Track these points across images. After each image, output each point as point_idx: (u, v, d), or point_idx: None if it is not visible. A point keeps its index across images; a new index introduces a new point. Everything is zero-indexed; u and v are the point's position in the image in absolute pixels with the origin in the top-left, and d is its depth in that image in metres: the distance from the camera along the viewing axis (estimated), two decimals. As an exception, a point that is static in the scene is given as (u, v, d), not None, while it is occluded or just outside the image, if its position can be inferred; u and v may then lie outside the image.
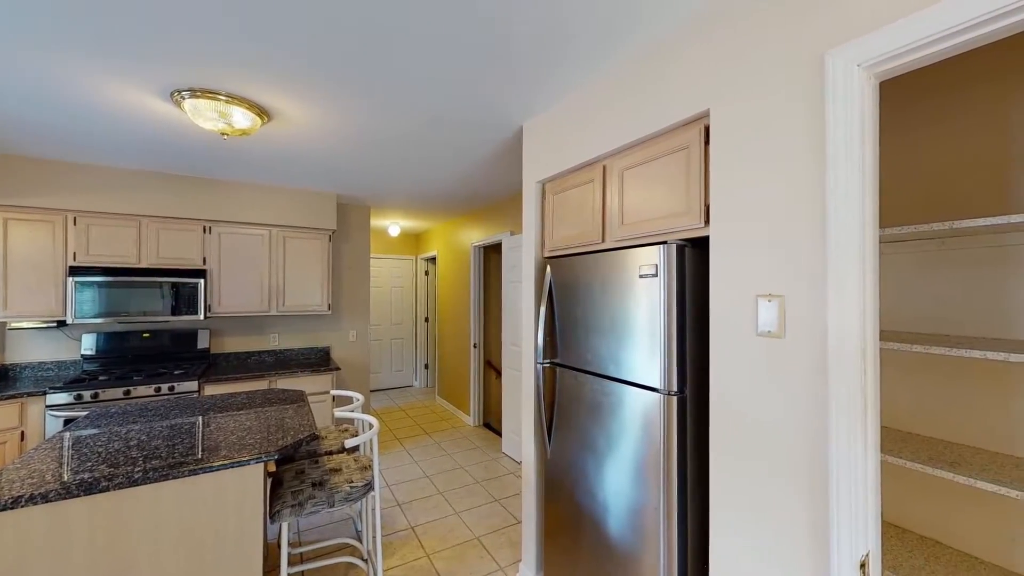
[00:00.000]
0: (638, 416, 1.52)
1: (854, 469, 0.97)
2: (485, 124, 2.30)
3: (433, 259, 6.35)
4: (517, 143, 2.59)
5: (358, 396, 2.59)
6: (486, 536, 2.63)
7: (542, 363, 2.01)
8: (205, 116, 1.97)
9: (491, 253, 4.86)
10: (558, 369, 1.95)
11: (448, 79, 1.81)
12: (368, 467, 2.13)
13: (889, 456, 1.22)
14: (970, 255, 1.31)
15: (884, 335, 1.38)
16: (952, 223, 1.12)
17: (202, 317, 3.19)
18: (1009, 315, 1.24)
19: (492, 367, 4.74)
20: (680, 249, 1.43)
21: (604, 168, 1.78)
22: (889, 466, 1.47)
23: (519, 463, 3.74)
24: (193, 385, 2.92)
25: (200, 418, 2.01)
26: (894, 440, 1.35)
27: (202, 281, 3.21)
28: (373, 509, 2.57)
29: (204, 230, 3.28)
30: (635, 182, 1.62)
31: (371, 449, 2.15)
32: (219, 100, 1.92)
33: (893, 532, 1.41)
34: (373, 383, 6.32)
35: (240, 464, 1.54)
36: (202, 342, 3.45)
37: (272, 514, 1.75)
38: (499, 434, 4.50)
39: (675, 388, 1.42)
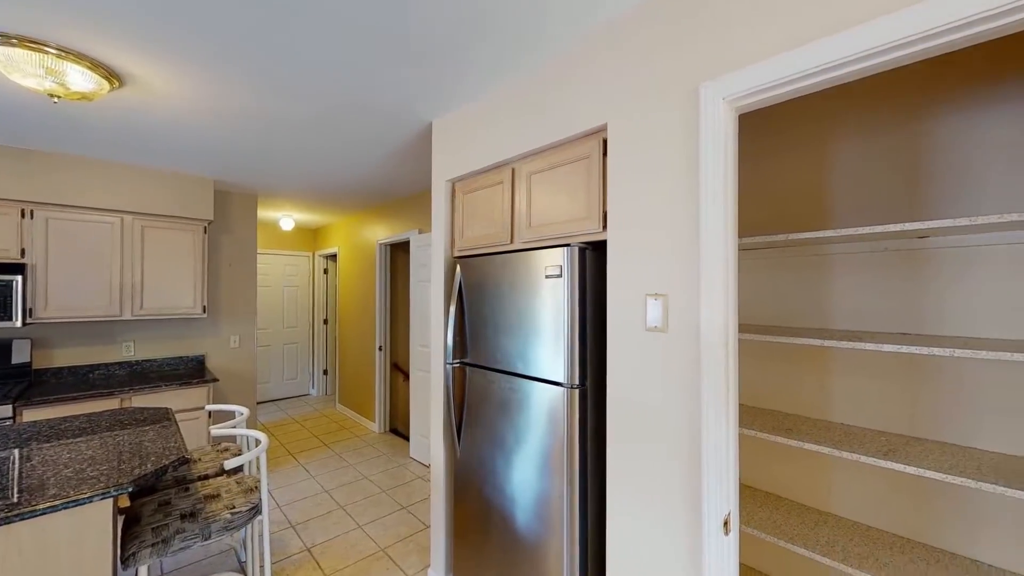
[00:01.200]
0: (544, 410, 1.59)
1: (719, 442, 1.14)
2: (393, 118, 2.20)
3: (334, 256, 5.90)
4: (426, 140, 2.53)
5: (241, 410, 2.29)
6: (393, 546, 2.52)
7: (452, 363, 1.99)
8: (25, 71, 1.57)
9: (398, 252, 4.68)
10: (468, 369, 1.95)
11: (353, 67, 1.70)
12: (254, 488, 1.90)
13: (744, 429, 1.45)
14: (802, 261, 1.63)
15: (742, 328, 1.63)
16: (788, 235, 1.37)
17: (19, 324, 2.53)
18: (828, 309, 1.57)
19: (399, 370, 4.56)
20: (582, 252, 1.53)
21: (513, 171, 1.83)
22: (744, 437, 1.76)
23: (428, 466, 3.66)
24: (5, 411, 2.31)
25: (16, 451, 1.60)
26: (748, 415, 1.61)
27: (18, 278, 2.55)
28: (260, 535, 2.30)
29: (22, 214, 2.61)
30: (542, 186, 1.69)
31: (258, 468, 1.92)
32: (47, 53, 1.54)
33: (747, 492, 1.68)
34: (261, 394, 5.65)
35: (76, 503, 1.25)
36: (19, 355, 2.74)
37: (125, 559, 1.46)
38: (407, 439, 4.35)
39: (577, 381, 1.51)
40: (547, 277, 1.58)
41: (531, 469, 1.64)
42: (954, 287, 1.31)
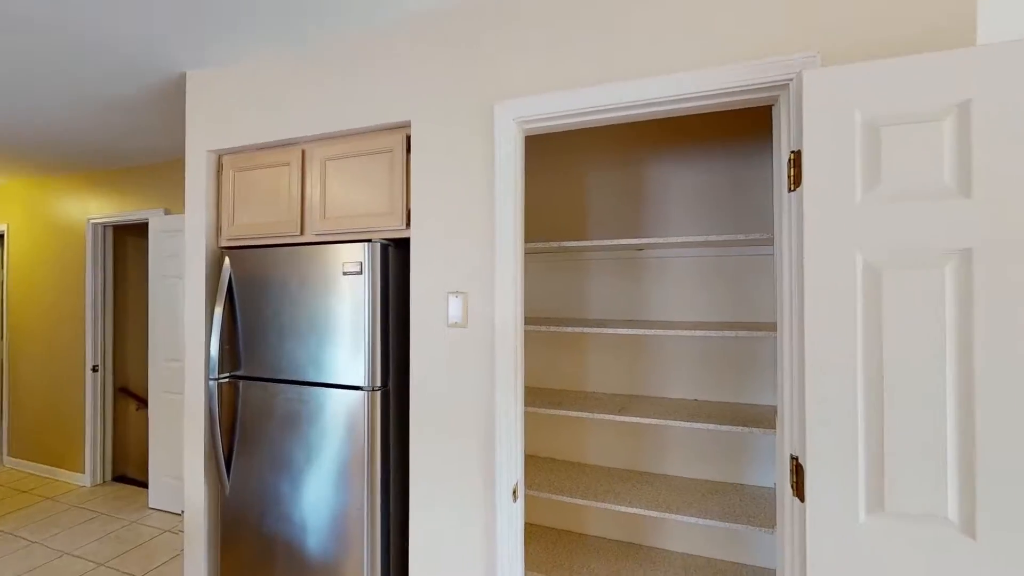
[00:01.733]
0: (342, 419, 1.47)
1: (510, 422, 1.29)
2: (128, 60, 1.62)
3: (-1, 237, 3.93)
4: (178, 95, 1.96)
5: None
6: (119, 634, 1.87)
7: (217, 379, 1.62)
8: None
9: (128, 236, 3.49)
10: (241, 383, 1.62)
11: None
12: None
13: (528, 407, 1.69)
14: (570, 264, 2.00)
15: (526, 320, 1.90)
16: (560, 243, 1.67)
17: None
18: (587, 303, 1.97)
19: (131, 395, 3.41)
20: (384, 248, 1.48)
21: (304, 153, 1.61)
22: (527, 414, 2.05)
23: (180, 513, 2.86)
24: None
25: None
26: (530, 395, 1.88)
27: None
28: None
29: None
30: (340, 175, 1.55)
31: None
32: None
33: (530, 461, 1.97)
34: None
35: None
36: None
37: None
38: (144, 485, 3.29)
39: (379, 383, 1.45)
40: (346, 274, 1.46)
41: (327, 486, 1.49)
42: (658, 285, 1.86)
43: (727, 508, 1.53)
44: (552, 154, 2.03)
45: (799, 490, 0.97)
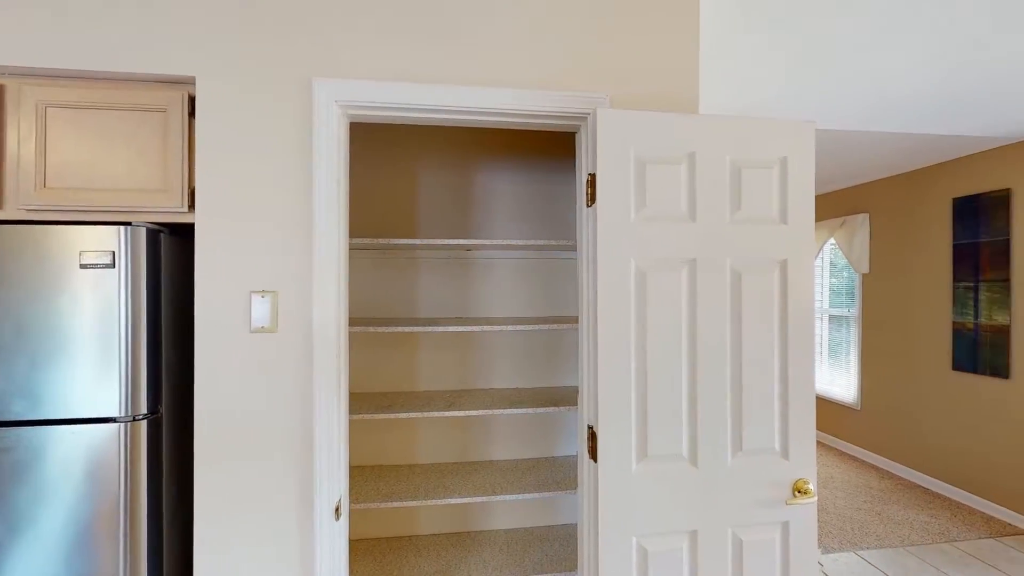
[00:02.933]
0: (77, 465, 1.08)
1: (332, 435, 1.17)
2: None
3: None
4: None
5: None
6: None
7: None
8: None
9: None
10: None
11: None
12: None
13: (355, 415, 1.57)
14: (401, 261, 1.94)
15: (352, 321, 1.76)
16: (390, 240, 1.61)
17: None
18: (418, 301, 1.95)
19: None
20: (154, 234, 1.16)
21: (4, 88, 1.12)
22: (353, 422, 1.91)
23: None
24: None
25: None
26: (357, 401, 1.76)
27: None
28: None
29: None
30: (74, 129, 1.14)
31: None
32: None
33: (356, 473, 1.84)
34: None
35: None
36: None
37: None
38: None
39: (145, 410, 1.13)
40: (85, 267, 1.08)
41: (50, 567, 1.07)
42: (485, 284, 1.98)
43: (541, 480, 1.74)
44: (383, 146, 1.94)
45: (593, 453, 1.18)
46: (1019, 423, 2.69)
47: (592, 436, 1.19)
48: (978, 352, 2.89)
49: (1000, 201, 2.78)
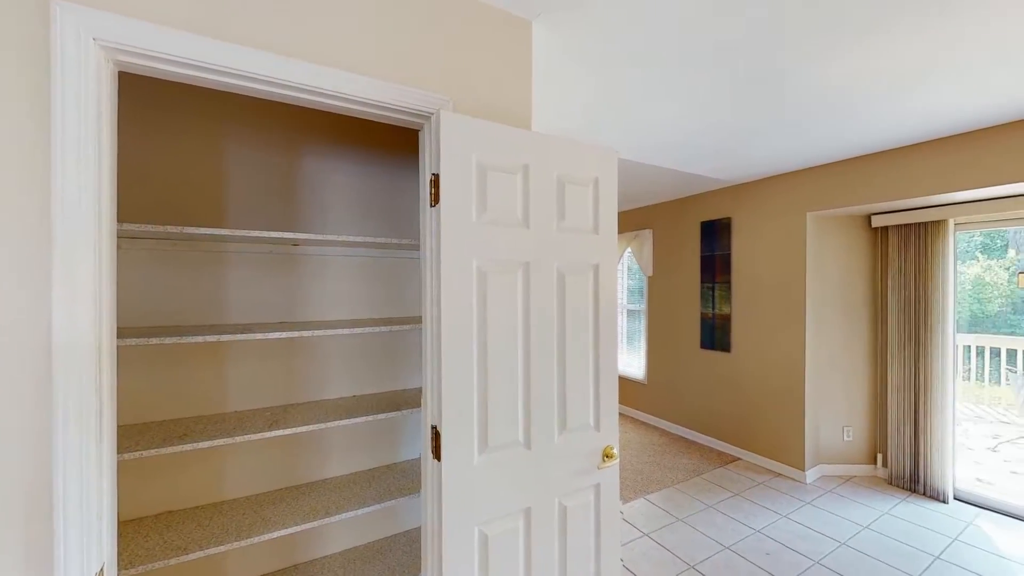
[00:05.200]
0: None
1: (86, 483, 0.88)
2: None
3: None
4: None
5: None
6: None
7: None
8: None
9: None
10: None
11: None
12: None
13: (127, 453, 1.21)
14: (200, 256, 1.58)
15: (123, 331, 1.35)
16: (184, 228, 1.29)
17: None
18: (226, 304, 1.61)
19: None
20: None
21: None
22: (126, 464, 1.46)
23: None
24: None
25: None
26: (131, 435, 1.36)
27: None
28: None
29: None
30: None
31: None
32: None
33: (130, 528, 1.42)
34: None
35: None
36: None
37: None
38: None
39: None
40: None
41: None
42: (316, 284, 1.77)
43: (383, 490, 1.66)
44: (174, 109, 1.54)
45: (437, 452, 1.18)
46: (736, 383, 3.82)
47: (436, 436, 1.19)
48: (714, 334, 3.99)
49: (726, 226, 3.89)
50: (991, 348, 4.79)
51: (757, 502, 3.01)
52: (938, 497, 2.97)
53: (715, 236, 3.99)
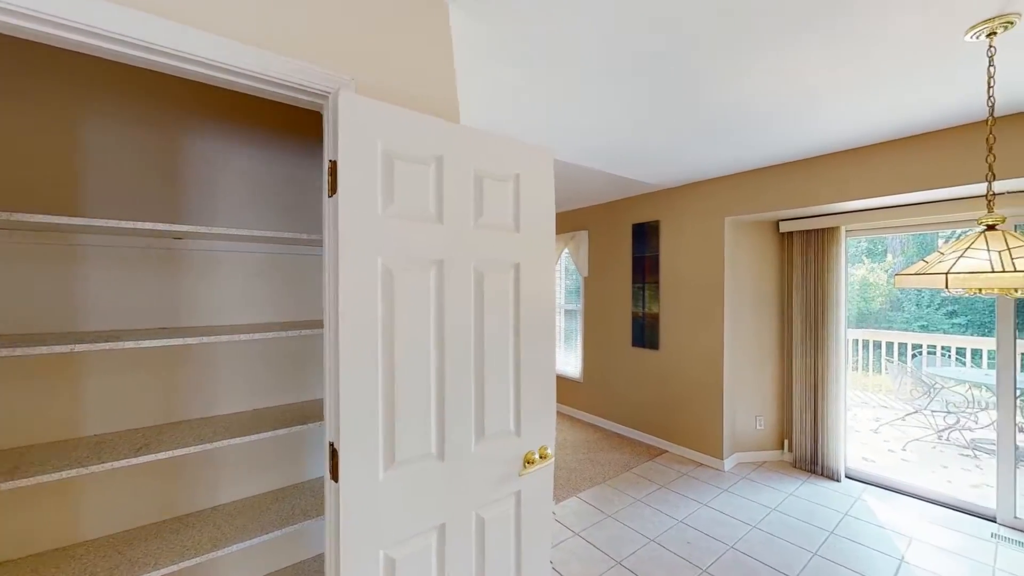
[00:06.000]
0: None
1: None
2: None
3: None
4: None
5: None
6: None
7: None
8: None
9: None
10: None
11: None
12: None
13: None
14: (46, 251, 1.31)
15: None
16: (12, 214, 1.05)
17: None
18: (83, 309, 1.35)
19: None
20: None
21: None
22: (-60, 507, 1.17)
23: None
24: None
25: None
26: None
27: None
28: None
29: None
30: None
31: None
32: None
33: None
34: None
35: None
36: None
37: None
38: None
39: None
40: None
41: None
42: (204, 284, 1.55)
43: (287, 513, 1.49)
44: (19, 71, 1.26)
45: (335, 473, 1.06)
46: (664, 379, 4.00)
47: (333, 454, 1.07)
48: (644, 332, 4.16)
49: (655, 228, 4.07)
50: (874, 341, 5.47)
51: (681, 492, 3.16)
52: (833, 476, 3.30)
53: (645, 238, 4.15)
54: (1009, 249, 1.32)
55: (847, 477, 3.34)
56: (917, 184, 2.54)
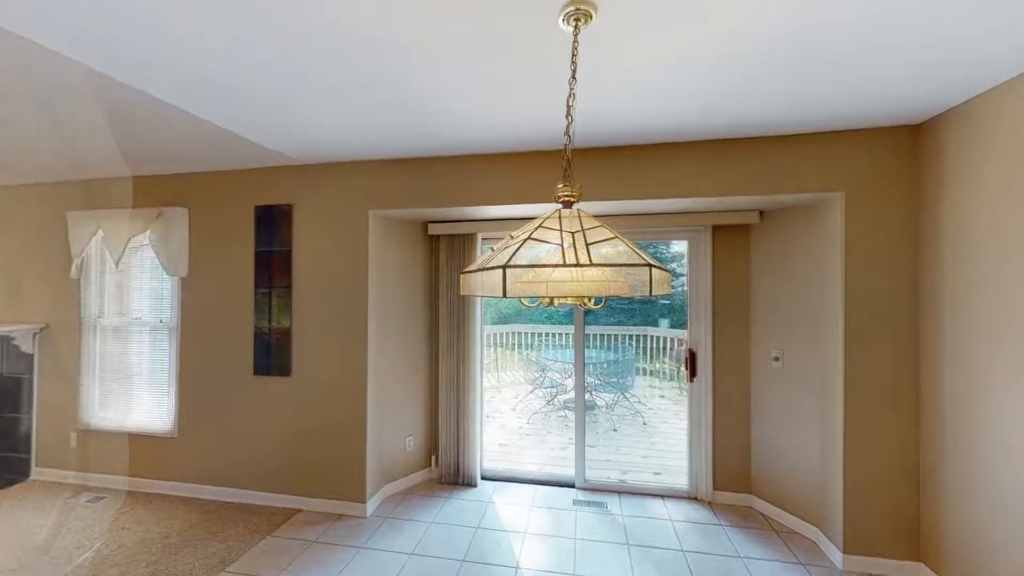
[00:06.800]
0: None
1: None
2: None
3: None
4: None
5: None
6: None
7: None
8: None
9: None
10: None
11: None
12: None
13: None
14: None
15: None
16: None
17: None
18: None
19: None
20: None
21: None
22: None
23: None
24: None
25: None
26: None
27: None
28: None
29: None
30: None
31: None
32: None
33: None
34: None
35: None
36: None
37: None
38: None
39: None
40: None
41: None
42: None
43: None
44: None
45: None
46: (297, 415, 3.02)
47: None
48: (271, 355, 3.05)
49: (286, 215, 3.05)
50: (509, 334, 6.53)
51: (303, 574, 2.28)
52: (471, 483, 3.29)
53: (274, 226, 3.07)
54: (584, 231, 1.09)
55: (482, 478, 3.41)
56: (530, 197, 2.72)
